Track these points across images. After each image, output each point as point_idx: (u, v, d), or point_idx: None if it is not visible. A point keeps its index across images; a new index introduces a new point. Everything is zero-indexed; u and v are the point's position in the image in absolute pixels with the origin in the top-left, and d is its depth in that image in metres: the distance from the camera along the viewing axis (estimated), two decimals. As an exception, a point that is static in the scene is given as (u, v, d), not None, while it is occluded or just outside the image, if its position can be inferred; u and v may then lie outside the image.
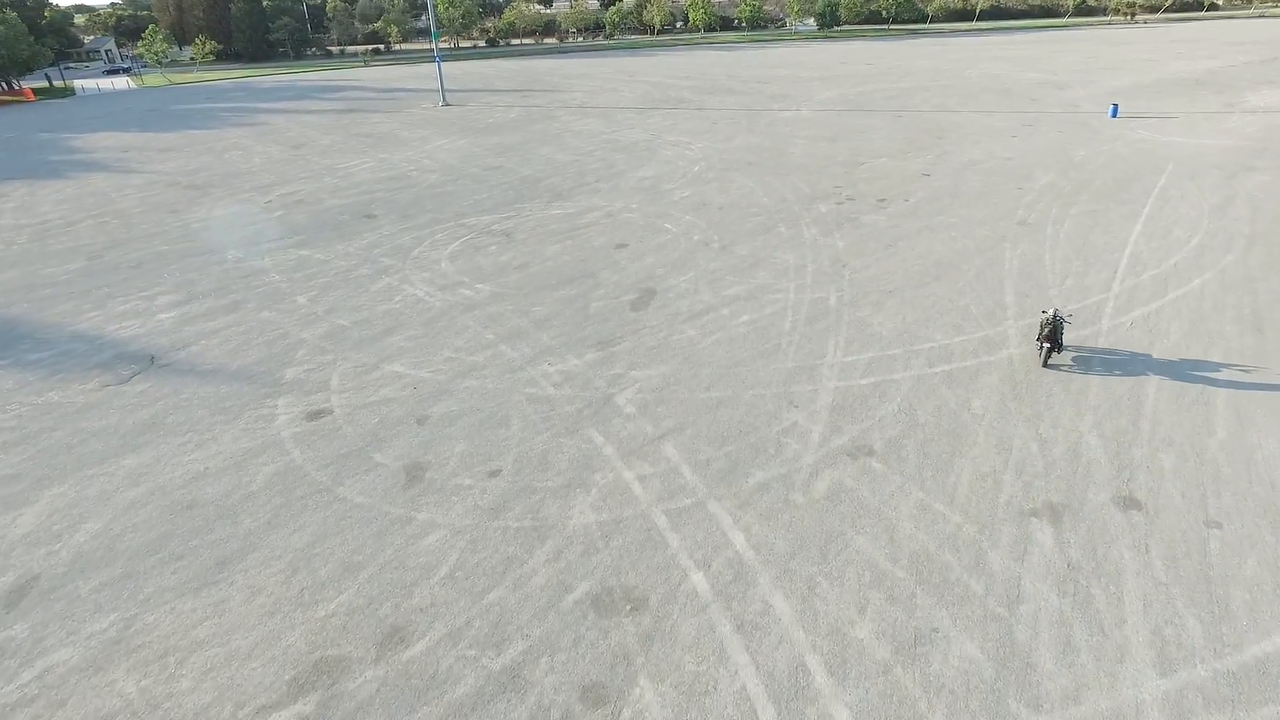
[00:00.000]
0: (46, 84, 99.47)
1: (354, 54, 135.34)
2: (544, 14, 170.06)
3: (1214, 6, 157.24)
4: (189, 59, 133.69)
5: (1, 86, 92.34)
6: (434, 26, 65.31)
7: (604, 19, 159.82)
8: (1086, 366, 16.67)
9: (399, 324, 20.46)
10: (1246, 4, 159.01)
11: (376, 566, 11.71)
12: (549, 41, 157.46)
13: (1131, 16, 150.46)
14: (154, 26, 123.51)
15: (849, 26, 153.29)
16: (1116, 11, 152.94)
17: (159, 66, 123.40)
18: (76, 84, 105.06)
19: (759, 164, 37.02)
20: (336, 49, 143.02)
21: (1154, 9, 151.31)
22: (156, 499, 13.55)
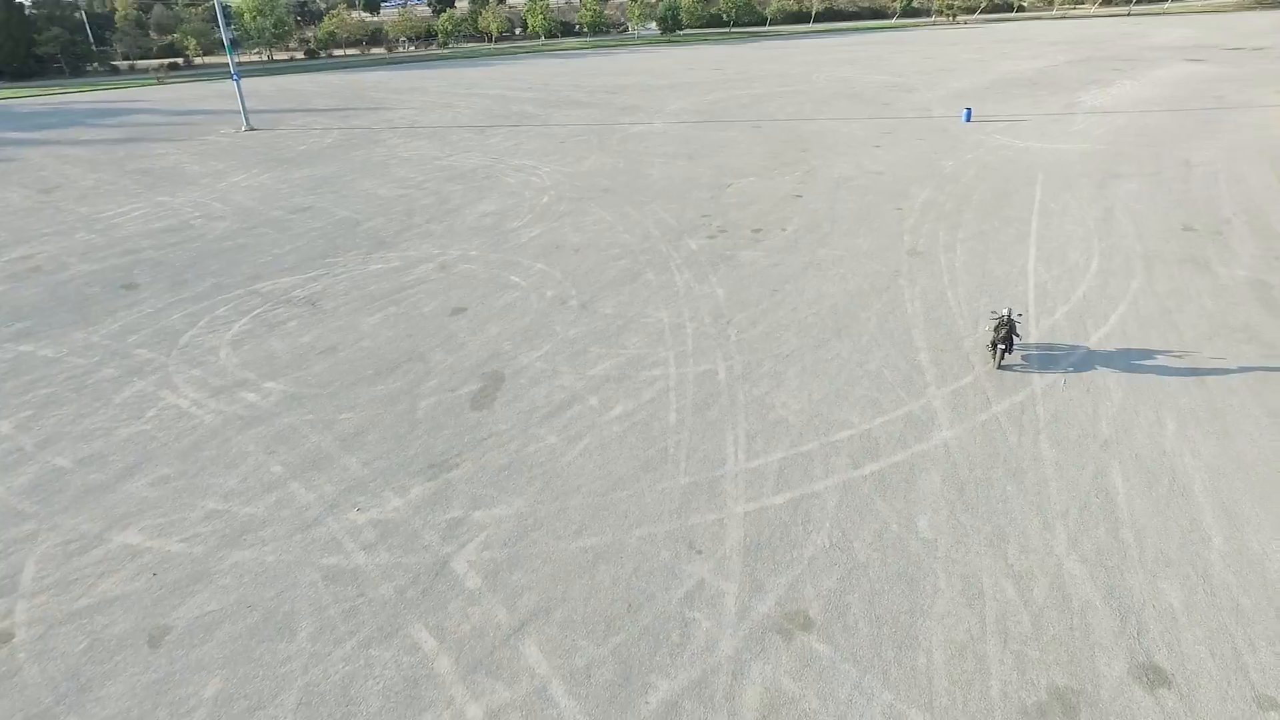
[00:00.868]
0: None
1: (145, 70, 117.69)
2: (369, 22, 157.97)
3: (1021, 9, 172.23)
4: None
5: None
6: (227, 38, 55.26)
7: (436, 27, 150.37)
8: (1036, 447, 13.75)
9: (146, 458, 14.63)
10: (1049, 6, 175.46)
11: None
12: (377, 52, 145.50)
13: (954, 18, 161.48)
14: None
15: (691, 31, 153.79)
16: (940, 13, 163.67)
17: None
18: None
19: (615, 190, 32.88)
20: (125, 64, 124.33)
21: (971, 10, 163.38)
22: None
